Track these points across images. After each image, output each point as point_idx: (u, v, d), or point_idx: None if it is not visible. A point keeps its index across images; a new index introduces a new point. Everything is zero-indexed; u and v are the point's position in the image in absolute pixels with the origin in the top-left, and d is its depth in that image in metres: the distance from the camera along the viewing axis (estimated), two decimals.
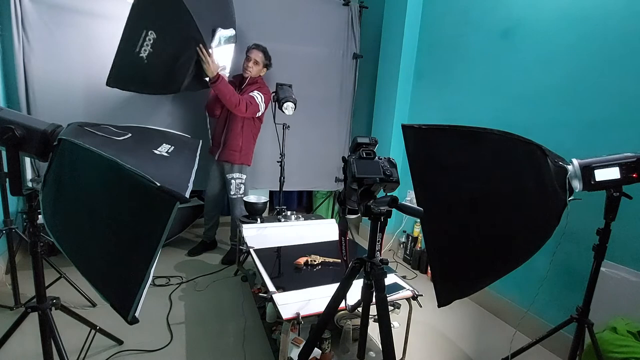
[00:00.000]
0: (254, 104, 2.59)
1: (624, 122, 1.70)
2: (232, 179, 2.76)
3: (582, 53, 1.86)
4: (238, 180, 2.78)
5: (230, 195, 2.81)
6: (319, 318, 1.30)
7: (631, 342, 1.40)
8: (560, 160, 1.33)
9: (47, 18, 2.38)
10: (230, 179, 2.77)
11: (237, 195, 2.79)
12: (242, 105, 2.51)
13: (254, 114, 2.66)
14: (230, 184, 2.77)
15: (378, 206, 1.02)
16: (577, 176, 1.30)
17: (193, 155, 1.36)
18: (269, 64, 2.70)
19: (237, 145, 2.70)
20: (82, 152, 0.98)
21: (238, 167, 2.75)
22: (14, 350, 1.65)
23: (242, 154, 2.74)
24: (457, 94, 2.71)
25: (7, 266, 2.20)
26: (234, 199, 2.81)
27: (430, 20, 2.98)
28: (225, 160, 2.74)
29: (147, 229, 0.94)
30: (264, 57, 2.64)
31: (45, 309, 1.32)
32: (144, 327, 1.92)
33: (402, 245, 3.17)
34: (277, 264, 2.03)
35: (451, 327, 2.17)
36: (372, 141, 1.12)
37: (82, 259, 1.02)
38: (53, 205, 1.06)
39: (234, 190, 2.78)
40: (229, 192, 2.81)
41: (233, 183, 2.77)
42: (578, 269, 1.80)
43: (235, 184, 2.77)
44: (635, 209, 1.47)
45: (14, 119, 1.09)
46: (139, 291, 0.94)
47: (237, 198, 2.80)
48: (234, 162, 2.72)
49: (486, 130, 1.27)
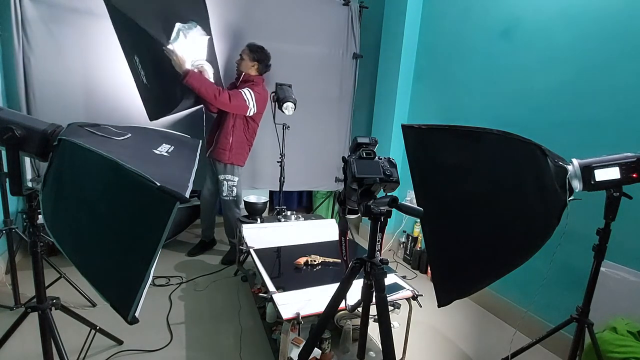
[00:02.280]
0: (239, 98, 2.50)
1: (624, 122, 1.70)
2: (224, 180, 2.72)
3: (582, 53, 1.86)
4: (230, 182, 2.73)
5: (222, 197, 2.77)
6: (319, 318, 1.30)
7: (631, 342, 1.40)
8: (560, 160, 1.32)
9: (47, 18, 2.38)
10: (222, 180, 2.72)
11: (230, 197, 2.75)
12: (224, 96, 2.44)
13: (242, 110, 2.56)
14: (222, 184, 2.73)
15: (378, 206, 1.02)
16: (577, 176, 1.30)
17: (193, 155, 1.36)
18: (259, 58, 2.61)
19: (227, 143, 2.62)
20: (82, 152, 0.98)
21: (230, 167, 2.69)
22: (14, 350, 1.65)
23: (232, 153, 2.66)
24: (457, 94, 2.71)
25: (7, 266, 2.20)
26: (226, 201, 2.77)
27: (430, 20, 2.98)
28: (215, 159, 2.69)
29: (147, 228, 0.93)
30: (248, 51, 2.59)
31: (45, 309, 1.32)
32: (144, 327, 1.91)
33: (402, 245, 3.17)
34: (277, 264, 2.03)
35: (451, 327, 2.17)
36: (372, 141, 1.12)
37: (82, 259, 1.02)
38: (53, 205, 1.06)
39: (225, 192, 2.74)
40: (220, 194, 2.77)
41: (225, 184, 2.72)
42: (578, 269, 1.80)
43: (227, 185, 2.72)
44: (635, 209, 1.47)
45: (14, 119, 1.08)
46: (139, 291, 0.94)
47: (229, 200, 2.76)
48: (223, 160, 2.66)
49: (486, 130, 1.27)
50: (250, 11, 2.91)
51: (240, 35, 2.86)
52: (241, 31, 2.89)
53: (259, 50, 2.61)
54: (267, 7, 2.97)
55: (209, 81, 2.51)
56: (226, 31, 2.87)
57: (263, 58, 2.63)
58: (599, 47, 1.79)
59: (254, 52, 2.60)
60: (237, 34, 2.88)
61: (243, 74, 2.63)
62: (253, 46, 2.61)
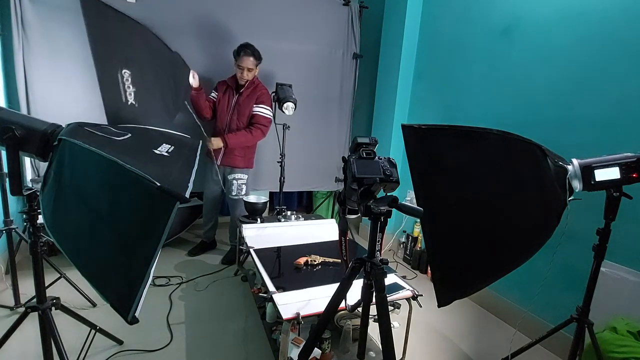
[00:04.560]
0: (267, 119, 2.69)
1: (624, 122, 1.70)
2: (234, 179, 2.77)
3: (582, 52, 1.86)
4: (240, 180, 2.78)
5: (231, 196, 2.80)
6: (319, 318, 1.30)
7: (631, 342, 1.40)
8: (560, 160, 1.32)
9: (47, 18, 2.38)
10: (232, 180, 2.77)
11: (239, 195, 2.79)
12: (260, 135, 2.68)
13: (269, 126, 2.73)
14: (232, 184, 2.77)
15: (378, 206, 1.02)
16: (577, 176, 1.30)
17: (193, 155, 1.37)
18: (260, 60, 2.61)
19: (242, 150, 2.73)
20: (82, 152, 0.99)
21: (244, 169, 2.79)
22: (14, 350, 1.65)
23: (246, 159, 2.78)
24: (457, 93, 2.71)
25: (7, 266, 2.20)
26: (235, 200, 2.80)
27: (430, 20, 2.98)
28: (229, 165, 2.75)
29: (147, 228, 0.94)
30: (254, 60, 2.55)
31: (45, 309, 1.32)
32: (144, 327, 1.92)
33: (402, 245, 3.17)
34: (277, 264, 2.03)
35: (451, 327, 2.17)
36: (372, 141, 1.12)
37: (82, 259, 1.02)
38: (53, 205, 1.06)
39: (235, 191, 2.78)
40: (229, 193, 2.80)
41: (235, 184, 2.77)
42: (578, 269, 1.80)
43: (237, 184, 2.78)
44: (635, 209, 1.47)
45: (14, 119, 1.09)
46: (139, 291, 0.94)
47: (238, 199, 2.79)
48: (238, 166, 2.75)
49: (486, 130, 1.27)
50: (250, 11, 2.91)
51: (241, 35, 2.85)
52: (241, 31, 2.89)
53: (255, 49, 2.57)
54: (267, 7, 2.97)
55: (243, 135, 2.63)
56: (226, 31, 2.87)
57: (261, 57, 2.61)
58: (598, 47, 1.79)
59: (258, 58, 2.58)
60: (237, 34, 2.88)
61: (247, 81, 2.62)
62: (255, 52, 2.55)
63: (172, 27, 2.72)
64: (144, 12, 2.60)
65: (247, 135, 2.64)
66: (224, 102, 2.67)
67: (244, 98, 2.64)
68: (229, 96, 2.67)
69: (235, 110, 2.66)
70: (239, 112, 2.66)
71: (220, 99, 2.69)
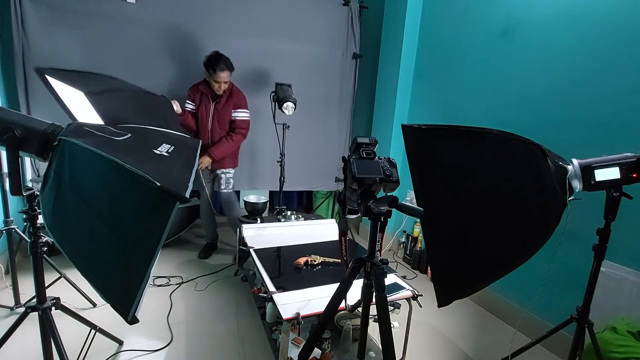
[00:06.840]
0: (247, 122, 2.75)
1: (624, 122, 1.70)
2: (222, 173, 2.82)
3: (583, 52, 1.86)
4: (228, 174, 2.84)
5: (221, 191, 2.83)
6: (319, 318, 1.30)
7: (631, 342, 1.40)
8: (560, 160, 1.32)
9: (46, 18, 2.38)
10: (220, 174, 2.81)
11: (228, 189, 2.83)
12: (242, 139, 2.76)
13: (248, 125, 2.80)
14: (220, 178, 2.82)
15: (378, 206, 1.02)
16: (577, 176, 1.30)
17: (193, 155, 1.36)
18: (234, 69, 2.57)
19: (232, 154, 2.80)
20: (82, 152, 0.98)
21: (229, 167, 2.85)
22: (14, 350, 1.65)
23: (233, 160, 2.85)
24: (457, 93, 2.71)
25: (7, 266, 2.20)
26: (226, 194, 2.83)
27: (430, 20, 2.98)
28: (217, 168, 2.79)
29: (147, 228, 0.93)
30: (229, 72, 2.52)
31: (45, 309, 1.33)
32: (144, 327, 1.92)
33: (402, 245, 3.17)
34: (277, 264, 2.03)
35: (451, 327, 2.17)
36: (372, 141, 1.12)
37: (82, 259, 1.02)
38: (53, 205, 1.06)
39: (224, 184, 2.82)
40: (218, 188, 2.84)
41: (223, 177, 2.82)
42: (578, 269, 1.80)
43: (225, 178, 2.83)
44: (635, 209, 1.47)
45: (14, 119, 1.08)
46: (139, 291, 0.94)
47: (228, 193, 2.83)
48: (227, 167, 2.80)
49: (486, 130, 1.27)
50: (250, 10, 2.91)
51: (240, 35, 2.86)
52: (242, 31, 2.89)
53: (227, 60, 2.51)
54: (267, 7, 2.97)
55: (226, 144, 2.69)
56: (226, 31, 2.87)
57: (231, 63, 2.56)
58: (598, 46, 1.79)
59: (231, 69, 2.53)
60: (237, 34, 2.88)
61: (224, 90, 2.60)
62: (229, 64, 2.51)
63: (172, 27, 2.72)
64: (144, 12, 2.60)
65: (230, 143, 2.70)
66: (202, 113, 2.66)
67: (222, 105, 2.65)
68: (205, 105, 2.66)
69: (215, 119, 2.68)
70: (219, 120, 2.68)
71: (198, 109, 2.67)
